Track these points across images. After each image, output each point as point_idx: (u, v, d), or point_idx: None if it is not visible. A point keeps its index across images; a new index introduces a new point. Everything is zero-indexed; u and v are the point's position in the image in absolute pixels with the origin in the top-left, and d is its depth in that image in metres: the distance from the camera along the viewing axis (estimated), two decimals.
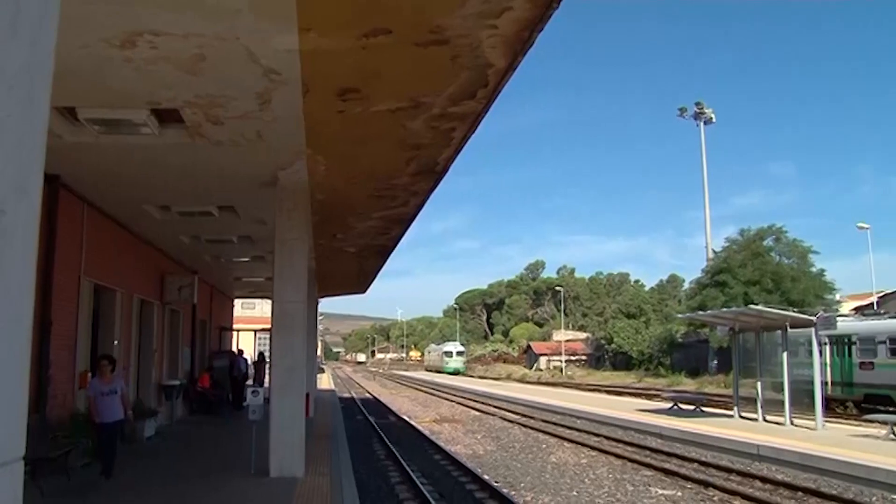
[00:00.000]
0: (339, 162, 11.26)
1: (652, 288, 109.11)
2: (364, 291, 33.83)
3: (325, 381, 56.57)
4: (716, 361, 54.44)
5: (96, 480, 11.07)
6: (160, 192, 13.23)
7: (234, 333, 37.81)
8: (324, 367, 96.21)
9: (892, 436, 17.93)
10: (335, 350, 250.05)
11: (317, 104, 8.45)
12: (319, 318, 47.83)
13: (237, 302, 38.10)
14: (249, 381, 27.33)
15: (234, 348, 32.24)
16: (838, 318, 27.46)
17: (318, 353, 66.58)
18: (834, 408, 27.02)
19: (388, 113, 8.78)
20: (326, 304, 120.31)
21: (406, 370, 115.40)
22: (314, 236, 17.21)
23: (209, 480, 11.65)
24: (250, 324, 42.96)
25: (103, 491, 10.71)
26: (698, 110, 59.39)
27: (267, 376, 20.37)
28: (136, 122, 8.75)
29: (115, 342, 15.74)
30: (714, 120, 59.97)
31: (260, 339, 42.71)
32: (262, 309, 40.73)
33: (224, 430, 19.39)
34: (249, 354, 31.84)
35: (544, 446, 21.36)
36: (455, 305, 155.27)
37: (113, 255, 15.58)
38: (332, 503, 10.01)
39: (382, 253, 21.22)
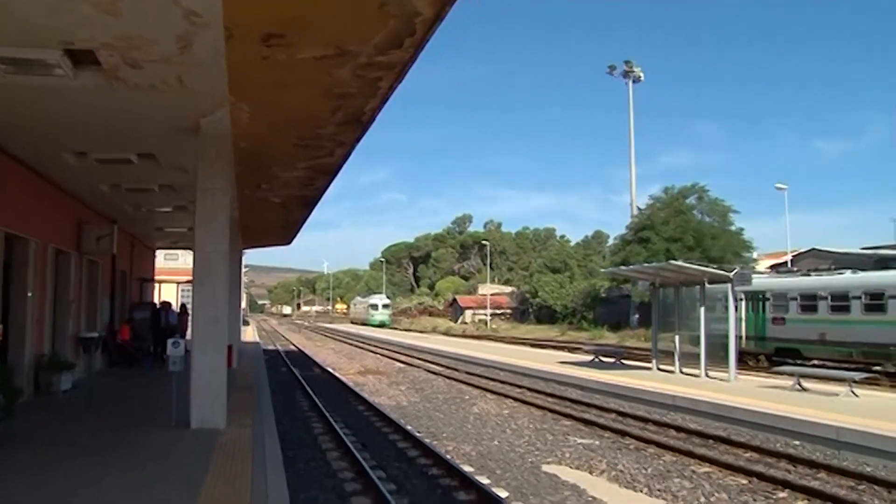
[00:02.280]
0: (264, 110, 11.01)
1: (577, 243, 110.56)
2: (289, 243, 33.46)
3: (249, 334, 56.13)
4: (637, 316, 55.80)
5: (6, 433, 10.80)
6: (76, 137, 12.73)
7: (157, 285, 37.07)
8: (248, 319, 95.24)
9: (797, 387, 18.72)
10: (260, 303, 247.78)
11: (240, 50, 8.21)
12: (244, 270, 47.22)
13: (160, 253, 37.30)
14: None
15: (157, 300, 31.67)
16: (754, 275, 28.35)
17: (243, 305, 65.87)
18: (747, 361, 28.01)
19: (313, 60, 8.59)
20: (252, 256, 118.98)
21: (332, 323, 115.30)
22: (238, 186, 16.87)
23: (128, 433, 11.47)
24: (173, 275, 42.20)
25: (18, 443, 10.47)
26: (627, 69, 59.85)
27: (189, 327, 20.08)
28: (48, 62, 8.35)
29: (29, 294, 15.24)
30: (642, 78, 60.56)
31: (183, 290, 41.97)
32: (185, 260, 40.02)
33: (144, 383, 19.08)
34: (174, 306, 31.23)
35: (467, 397, 21.68)
36: (381, 258, 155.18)
37: (25, 202, 14.92)
38: (254, 454, 9.97)
39: (308, 204, 20.95)
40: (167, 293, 39.22)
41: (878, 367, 24.17)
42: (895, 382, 21.99)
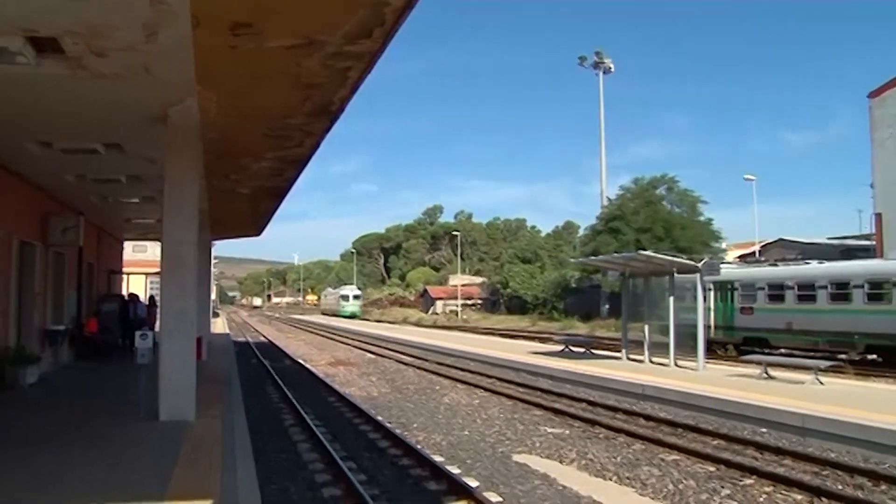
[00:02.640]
0: (232, 100, 10.92)
1: (548, 234, 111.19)
2: (259, 234, 33.23)
3: (219, 326, 55.78)
4: (607, 306, 56.18)
5: None
6: (40, 127, 12.52)
7: (125, 277, 36.70)
8: (218, 311, 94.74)
9: (765, 375, 18.95)
10: (230, 294, 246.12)
11: (208, 38, 8.12)
12: (214, 261, 46.93)
13: (128, 245, 36.84)
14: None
15: (126, 292, 31.36)
16: (722, 266, 28.64)
17: (213, 296, 65.45)
18: (716, 350, 28.32)
19: (282, 50, 8.53)
20: (222, 248, 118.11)
21: (303, 314, 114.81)
22: (206, 176, 16.73)
23: (95, 426, 11.35)
24: (141, 267, 41.81)
25: None
26: (598, 59, 60.03)
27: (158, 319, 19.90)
28: (10, 50, 8.18)
29: None
30: (613, 70, 60.78)
31: (151, 282, 41.58)
32: (153, 252, 39.56)
33: (112, 376, 18.88)
34: (142, 298, 30.94)
35: (438, 388, 21.72)
36: (352, 249, 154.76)
37: None
38: (224, 446, 9.92)
39: (277, 194, 20.84)
40: (136, 285, 38.88)
41: (843, 356, 24.54)
42: (860, 370, 22.32)
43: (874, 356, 24.89)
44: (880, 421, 12.29)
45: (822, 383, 17.59)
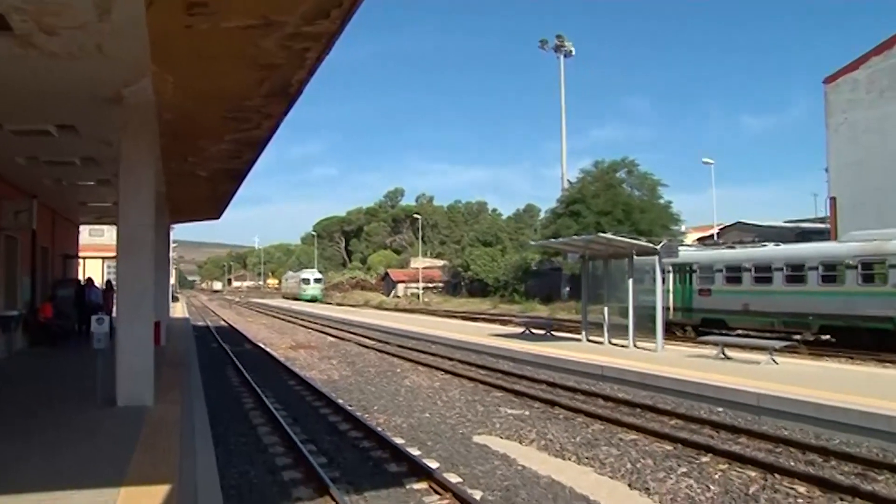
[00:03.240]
0: (188, 80, 10.74)
1: (509, 217, 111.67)
2: (218, 217, 32.82)
3: (179, 310, 55.17)
4: (568, 288, 56.58)
5: None
6: None
7: (81, 261, 36.09)
8: (178, 295, 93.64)
9: (721, 356, 19.24)
10: (190, 279, 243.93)
11: (162, 17, 7.97)
12: (173, 245, 46.31)
13: (84, 229, 36.22)
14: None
15: (82, 277, 30.85)
16: (681, 248, 28.94)
17: (172, 281, 64.68)
18: (675, 332, 28.69)
19: (238, 30, 8.40)
20: (181, 232, 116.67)
21: (263, 298, 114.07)
22: (164, 159, 16.49)
23: (51, 413, 11.18)
24: (98, 251, 41.14)
25: None
26: (559, 43, 60.07)
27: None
28: None
29: None
30: (574, 53, 60.88)
31: (109, 267, 40.95)
32: (110, 236, 38.98)
33: (68, 362, 18.58)
34: (99, 283, 30.48)
35: (399, 370, 21.73)
36: (313, 233, 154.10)
37: None
38: (183, 430, 9.84)
39: (236, 177, 20.59)
40: (92, 269, 38.24)
41: (797, 336, 25.00)
42: (813, 350, 22.77)
43: (827, 336, 25.39)
44: (832, 399, 12.57)
45: (776, 363, 17.91)
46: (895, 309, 22.12)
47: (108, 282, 28.88)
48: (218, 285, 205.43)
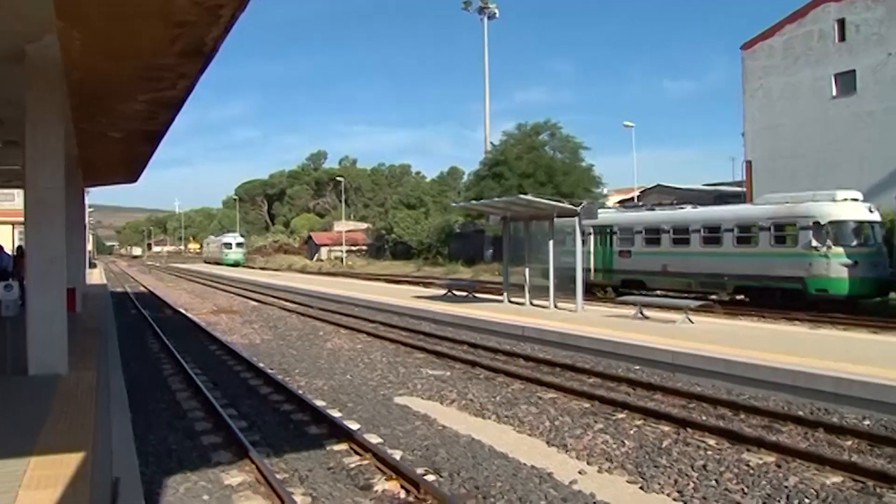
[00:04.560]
0: (97, 38, 10.31)
1: (433, 179, 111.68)
2: (135, 180, 31.91)
3: (96, 276, 53.74)
4: (491, 250, 56.94)
5: None
6: None
7: None
8: (96, 261, 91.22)
9: (640, 315, 19.71)
10: (109, 244, 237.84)
11: None
12: (90, 210, 44.95)
13: None
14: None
15: None
16: (602, 210, 29.40)
17: (88, 247, 62.93)
18: (595, 292, 29.16)
19: None
20: (98, 196, 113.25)
21: (184, 263, 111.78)
22: (74, 120, 15.89)
23: None
24: (7, 217, 39.72)
25: None
26: (482, 4, 59.53)
27: None
28: None
29: None
30: (497, 15, 60.49)
31: (20, 233, 39.59)
32: (21, 201, 37.64)
33: None
34: (9, 249, 29.43)
35: (321, 333, 21.66)
36: (235, 196, 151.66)
37: None
38: (98, 398, 9.62)
39: (152, 139, 19.99)
40: (2, 236, 36.93)
41: (713, 296, 25.75)
42: (728, 310, 23.48)
43: (742, 296, 26.24)
44: (743, 356, 13.03)
45: (692, 322, 18.42)
46: (805, 269, 22.99)
47: (20, 247, 27.86)
48: (137, 251, 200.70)
